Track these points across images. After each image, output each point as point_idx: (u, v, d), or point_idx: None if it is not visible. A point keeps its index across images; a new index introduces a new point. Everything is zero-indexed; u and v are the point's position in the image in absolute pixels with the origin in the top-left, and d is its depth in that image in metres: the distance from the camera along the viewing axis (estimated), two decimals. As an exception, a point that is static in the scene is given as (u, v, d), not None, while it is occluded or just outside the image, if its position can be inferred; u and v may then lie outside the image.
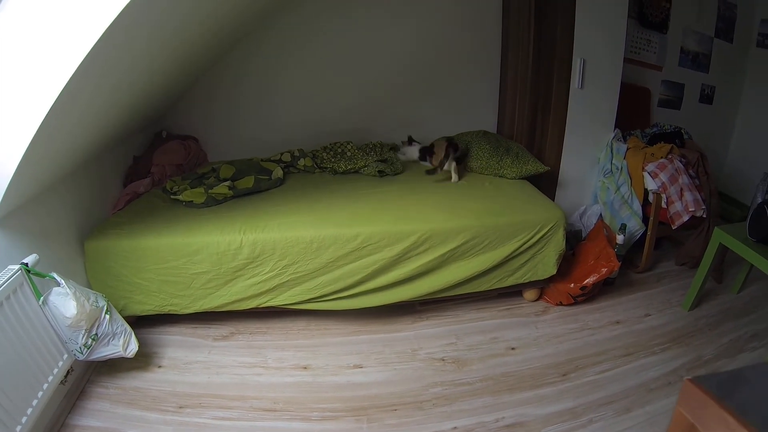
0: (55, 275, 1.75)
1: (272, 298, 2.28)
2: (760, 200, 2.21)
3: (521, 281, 2.45)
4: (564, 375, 2.10)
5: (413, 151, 3.14)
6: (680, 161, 2.69)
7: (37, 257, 1.73)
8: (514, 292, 2.59)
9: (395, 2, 3.16)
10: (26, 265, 1.66)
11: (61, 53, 1.38)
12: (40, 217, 1.96)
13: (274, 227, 2.22)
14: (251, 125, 3.36)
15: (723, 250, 2.36)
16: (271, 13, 3.03)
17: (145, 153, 2.94)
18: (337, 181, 2.88)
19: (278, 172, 2.81)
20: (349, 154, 3.13)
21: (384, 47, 3.28)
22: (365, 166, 2.96)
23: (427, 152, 3.07)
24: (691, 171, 2.71)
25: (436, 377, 2.10)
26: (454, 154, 2.86)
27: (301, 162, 3.04)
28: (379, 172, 2.91)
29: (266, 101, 3.31)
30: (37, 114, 1.46)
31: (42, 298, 1.70)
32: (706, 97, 3.68)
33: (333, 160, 3.08)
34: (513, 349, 2.27)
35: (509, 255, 2.34)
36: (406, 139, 3.22)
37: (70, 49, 1.37)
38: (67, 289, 1.73)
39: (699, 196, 2.62)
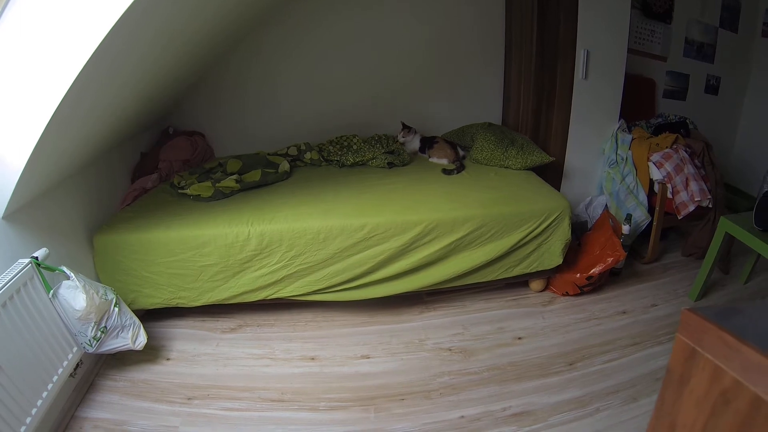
0: (64, 269, 1.77)
1: (280, 290, 2.29)
2: (766, 189, 2.20)
3: (527, 271, 2.45)
4: (571, 364, 2.10)
5: (414, 142, 3.17)
6: (685, 151, 2.68)
7: (47, 251, 1.75)
8: (520, 282, 2.60)
9: (397, -2, 3.17)
10: (36, 258, 1.68)
11: (70, 49, 1.40)
12: (50, 212, 1.98)
13: (281, 219, 2.23)
14: (257, 120, 3.38)
15: (729, 240, 2.36)
16: (277, 7, 3.04)
17: (153, 149, 2.97)
18: (343, 173, 2.88)
19: (285, 166, 2.82)
20: (355, 147, 3.14)
21: (388, 41, 3.28)
22: (373, 158, 2.97)
23: (426, 145, 3.11)
24: (696, 161, 2.70)
25: (443, 367, 2.11)
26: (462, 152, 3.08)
27: (308, 155, 3.05)
28: (388, 163, 2.92)
29: (271, 96, 3.32)
30: (45, 110, 1.47)
31: (52, 291, 1.72)
32: (712, 88, 3.66)
33: (340, 153, 3.09)
34: (520, 338, 2.28)
35: (515, 244, 2.34)
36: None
37: (79, 46, 1.39)
38: (77, 282, 1.75)
39: (705, 186, 2.61)
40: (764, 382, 0.58)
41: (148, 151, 2.97)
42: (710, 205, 2.66)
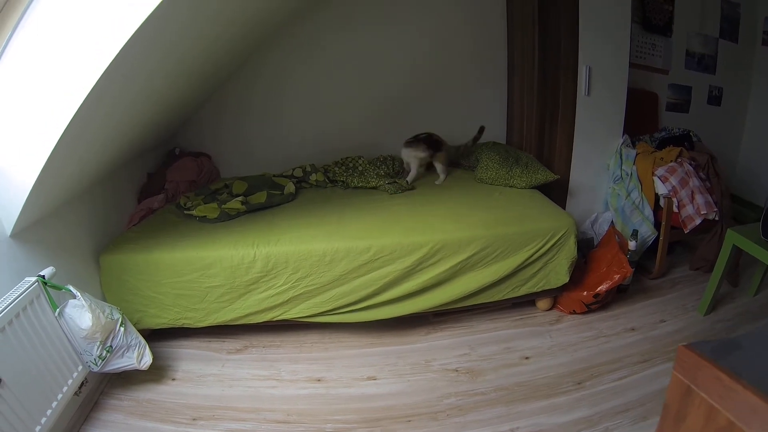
0: (71, 288, 1.79)
1: (286, 311, 2.29)
2: (773, 200, 2.19)
3: (534, 290, 2.43)
4: (579, 383, 2.07)
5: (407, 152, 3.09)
6: (690, 164, 2.67)
7: (54, 270, 1.76)
8: (527, 302, 2.58)
9: (400, 17, 3.21)
10: (43, 277, 1.70)
11: (79, 70, 1.43)
12: (57, 231, 2.01)
13: (286, 241, 2.24)
14: (262, 142, 3.42)
15: (737, 252, 2.33)
16: (279, 29, 3.09)
17: (159, 170, 3.00)
18: (348, 195, 2.89)
19: (290, 187, 2.84)
20: (360, 168, 3.15)
21: (391, 61, 3.32)
22: (377, 187, 2.97)
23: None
24: (701, 173, 2.69)
25: (449, 388, 2.08)
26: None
27: (313, 177, 3.07)
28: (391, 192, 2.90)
29: (277, 118, 3.37)
30: (55, 130, 1.50)
31: (58, 309, 1.73)
32: (715, 99, 3.66)
33: (345, 174, 3.10)
34: (527, 358, 2.25)
35: (521, 264, 2.33)
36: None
37: (87, 67, 1.42)
38: (83, 302, 1.76)
39: (710, 199, 2.59)
40: (758, 423, 0.57)
41: (155, 171, 3.00)
42: (717, 218, 2.64)
